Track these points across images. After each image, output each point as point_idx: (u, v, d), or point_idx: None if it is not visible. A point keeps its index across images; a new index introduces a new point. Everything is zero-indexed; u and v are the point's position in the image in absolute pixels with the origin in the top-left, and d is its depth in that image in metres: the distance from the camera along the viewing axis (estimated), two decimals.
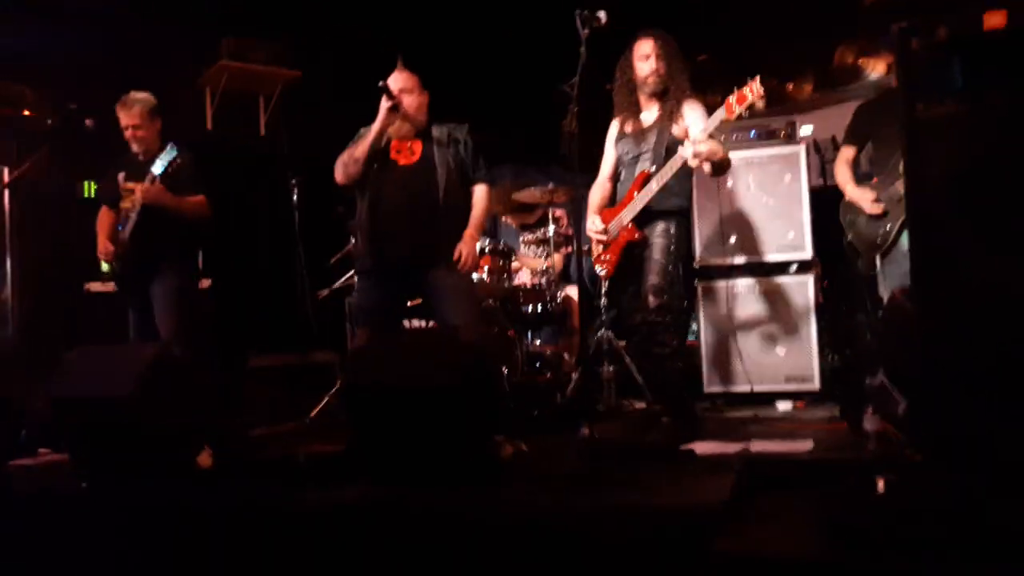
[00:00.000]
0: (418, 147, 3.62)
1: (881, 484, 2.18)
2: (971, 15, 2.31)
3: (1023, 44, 2.25)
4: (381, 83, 3.48)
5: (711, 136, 3.48)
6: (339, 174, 3.63)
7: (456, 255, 3.50)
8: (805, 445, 3.09)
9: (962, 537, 1.78)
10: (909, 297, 2.87)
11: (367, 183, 3.59)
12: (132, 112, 4.04)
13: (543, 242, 5.06)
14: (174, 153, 3.85)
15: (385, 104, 3.48)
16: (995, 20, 2.29)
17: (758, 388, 4.36)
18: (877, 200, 3.86)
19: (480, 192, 3.71)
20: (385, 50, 3.81)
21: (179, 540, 2.64)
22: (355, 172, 3.57)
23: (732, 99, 3.42)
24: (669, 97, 3.71)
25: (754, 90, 3.39)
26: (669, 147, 3.61)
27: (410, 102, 3.59)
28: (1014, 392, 2.10)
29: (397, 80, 3.59)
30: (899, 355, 3.02)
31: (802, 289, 4.44)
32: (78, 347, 3.38)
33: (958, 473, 2.09)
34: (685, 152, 3.44)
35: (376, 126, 3.52)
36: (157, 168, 3.83)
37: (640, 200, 3.64)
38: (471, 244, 3.56)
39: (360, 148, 3.55)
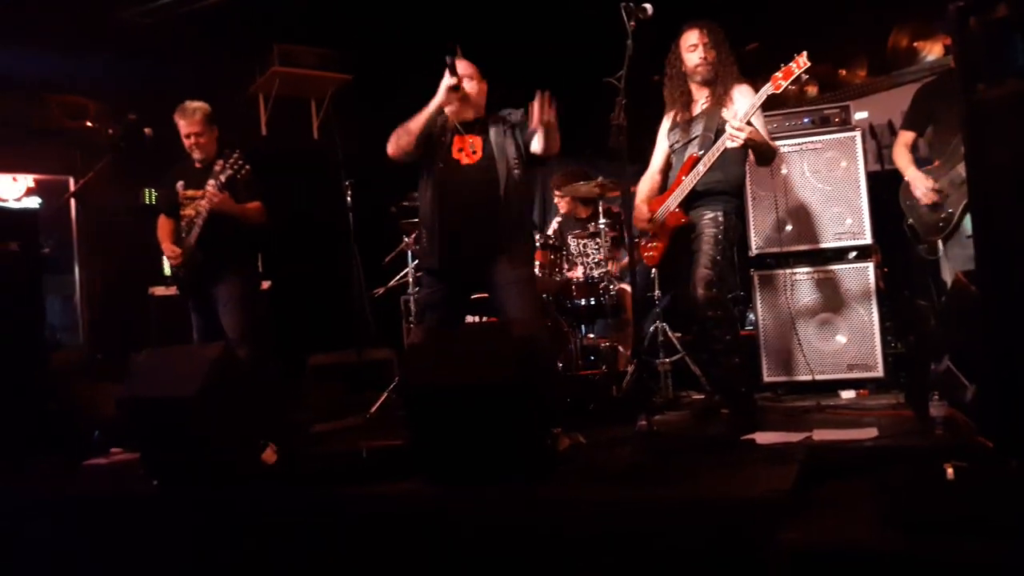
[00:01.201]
0: (479, 144, 3.57)
1: (950, 471, 2.14)
2: None
3: None
4: (448, 59, 3.42)
5: (757, 123, 3.45)
6: (391, 146, 3.58)
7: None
8: (869, 433, 3.04)
9: None
10: (973, 281, 2.81)
11: (431, 182, 3.56)
12: (193, 120, 4.14)
13: (595, 235, 5.05)
14: (241, 160, 3.97)
15: (448, 81, 3.42)
16: None
17: (820, 377, 4.29)
18: (936, 189, 3.77)
19: None
20: (434, 50, 3.83)
21: (244, 536, 2.71)
22: (407, 145, 3.52)
23: (779, 73, 3.40)
24: (719, 84, 3.69)
25: (800, 63, 3.36)
26: (719, 131, 3.57)
27: (471, 87, 3.54)
28: None
29: (459, 66, 3.53)
30: (964, 340, 2.95)
31: (862, 275, 4.36)
32: (145, 349, 3.49)
33: None
34: (728, 132, 3.41)
35: (435, 102, 3.47)
36: (225, 174, 3.95)
37: (687, 183, 3.61)
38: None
39: (416, 121, 3.50)
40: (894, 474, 2.44)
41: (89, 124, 6.06)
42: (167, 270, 4.59)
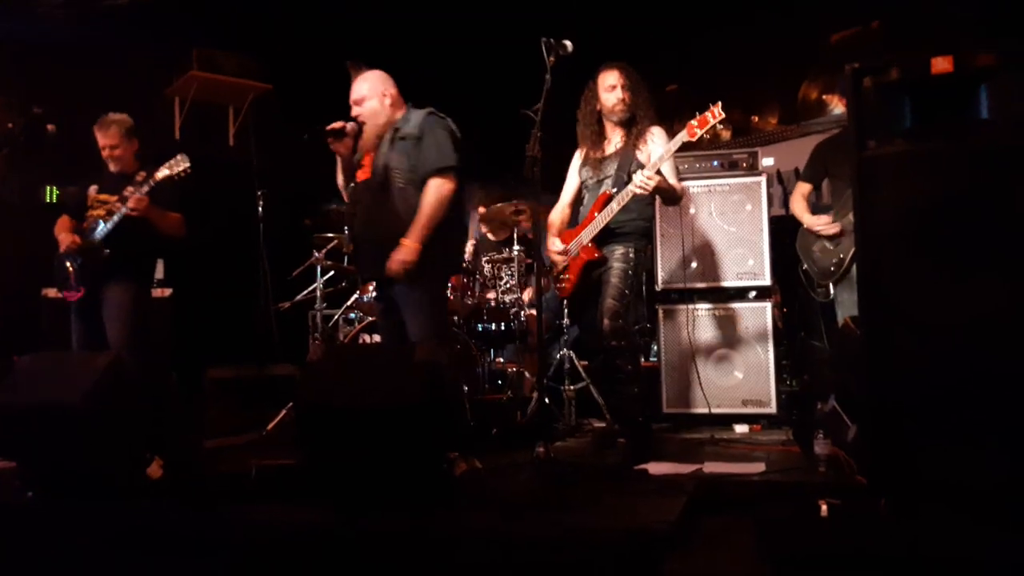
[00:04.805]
0: (369, 161, 3.50)
1: (824, 508, 2.24)
2: (920, 59, 2.41)
3: (967, 88, 2.35)
4: (306, 135, 3.42)
5: (668, 167, 3.57)
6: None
7: (390, 263, 3.30)
8: (757, 467, 3.14)
9: (893, 561, 1.83)
10: (858, 325, 2.95)
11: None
12: (109, 133, 4.05)
13: (509, 261, 5.09)
14: (186, 163, 3.88)
15: (331, 142, 3.43)
16: (942, 65, 2.39)
17: (716, 410, 4.41)
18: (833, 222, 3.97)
19: (429, 188, 3.32)
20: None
21: (122, 555, 2.60)
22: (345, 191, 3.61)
23: (694, 122, 3.51)
24: (635, 124, 3.79)
25: (715, 114, 3.49)
26: (632, 172, 3.67)
27: (360, 112, 3.46)
28: (955, 416, 2.17)
29: (352, 93, 3.51)
30: (849, 382, 3.09)
31: (760, 315, 4.51)
32: (31, 353, 3.33)
33: (899, 496, 2.15)
34: (634, 181, 3.51)
35: (338, 161, 3.51)
36: (162, 173, 3.86)
37: (601, 220, 3.70)
38: (404, 252, 3.26)
39: (338, 180, 3.55)
40: (774, 509, 2.53)
41: None
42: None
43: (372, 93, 3.47)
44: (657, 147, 3.69)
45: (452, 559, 2.35)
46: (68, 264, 3.98)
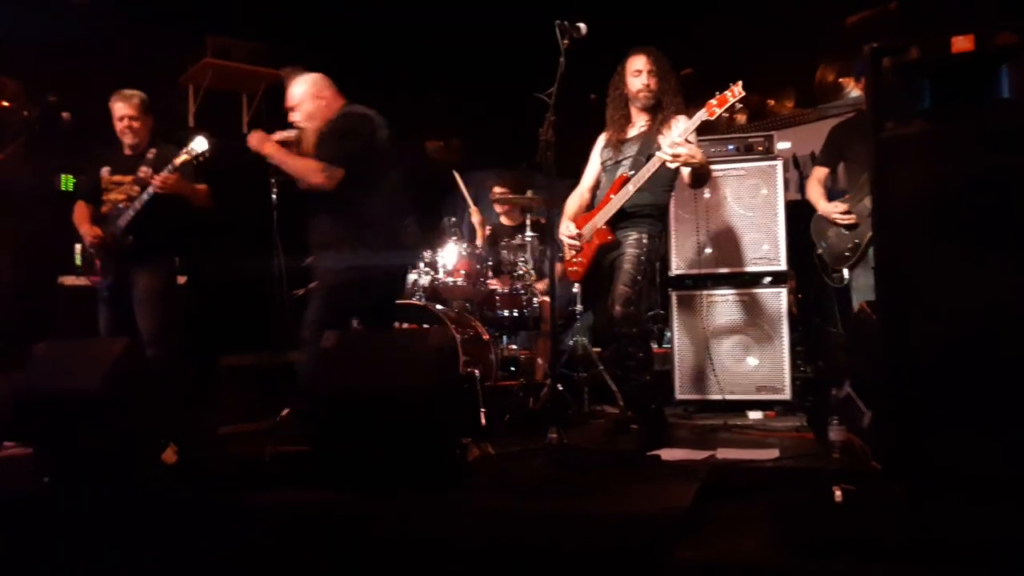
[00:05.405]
0: None
1: (838, 494, 2.22)
2: (940, 39, 2.37)
3: (988, 68, 2.30)
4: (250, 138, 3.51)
5: (690, 142, 3.50)
6: None
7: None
8: (771, 454, 3.12)
9: (909, 548, 1.81)
10: (874, 310, 2.92)
11: None
12: (131, 104, 4.06)
13: (523, 247, 5.07)
14: (205, 145, 3.90)
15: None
16: (963, 44, 2.34)
17: (730, 397, 4.39)
18: (848, 212, 3.93)
19: (311, 160, 3.48)
20: (369, 53, 3.81)
21: (137, 540, 2.62)
22: None
23: (714, 100, 3.47)
24: (661, 111, 3.73)
25: (736, 92, 3.44)
26: (650, 155, 3.63)
27: (297, 119, 3.54)
28: (972, 403, 2.14)
29: (287, 100, 3.55)
30: (865, 367, 3.06)
31: (776, 300, 4.48)
32: (48, 341, 3.35)
33: (914, 483, 2.13)
34: (663, 150, 3.45)
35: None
36: (181, 158, 3.90)
37: (616, 202, 3.66)
38: (260, 136, 3.49)
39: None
40: (788, 495, 2.51)
41: (5, 104, 5.82)
42: (79, 260, 4.43)
43: (306, 96, 3.53)
44: (678, 132, 3.64)
45: (463, 543, 2.35)
46: (94, 255, 4.01)
